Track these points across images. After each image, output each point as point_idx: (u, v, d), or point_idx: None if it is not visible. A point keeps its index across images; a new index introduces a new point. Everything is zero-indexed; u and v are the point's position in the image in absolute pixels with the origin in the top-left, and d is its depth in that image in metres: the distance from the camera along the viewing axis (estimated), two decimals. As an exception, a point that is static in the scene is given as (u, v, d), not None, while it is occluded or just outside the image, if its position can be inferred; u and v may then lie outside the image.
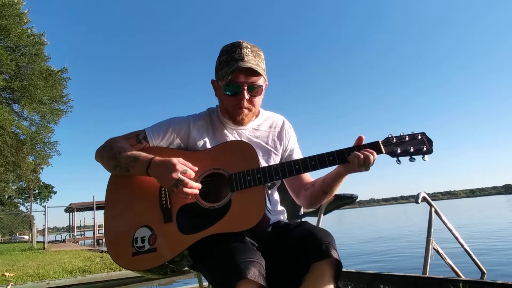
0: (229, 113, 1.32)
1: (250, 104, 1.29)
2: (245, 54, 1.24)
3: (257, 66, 1.23)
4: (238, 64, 1.21)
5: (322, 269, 1.02)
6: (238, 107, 1.28)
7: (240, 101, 1.26)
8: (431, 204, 3.19)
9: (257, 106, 1.33)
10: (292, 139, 1.45)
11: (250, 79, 1.24)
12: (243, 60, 1.22)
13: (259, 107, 1.36)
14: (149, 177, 1.20)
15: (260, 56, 1.29)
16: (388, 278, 2.83)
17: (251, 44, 1.29)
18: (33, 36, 14.64)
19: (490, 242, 8.09)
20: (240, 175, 1.16)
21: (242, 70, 1.22)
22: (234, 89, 1.26)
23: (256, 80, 1.25)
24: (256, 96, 1.30)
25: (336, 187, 1.27)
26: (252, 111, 1.32)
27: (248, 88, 1.25)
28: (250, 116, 1.33)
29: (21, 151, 15.15)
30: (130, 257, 1.16)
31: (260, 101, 1.34)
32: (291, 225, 1.20)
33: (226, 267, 0.96)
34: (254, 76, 1.24)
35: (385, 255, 7.57)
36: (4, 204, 36.89)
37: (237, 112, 1.29)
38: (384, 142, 1.16)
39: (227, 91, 1.27)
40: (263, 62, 1.29)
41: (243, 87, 1.24)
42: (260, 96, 1.32)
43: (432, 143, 1.13)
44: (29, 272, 6.06)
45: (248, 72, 1.23)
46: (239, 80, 1.23)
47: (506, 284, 2.14)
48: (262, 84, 1.29)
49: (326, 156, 1.16)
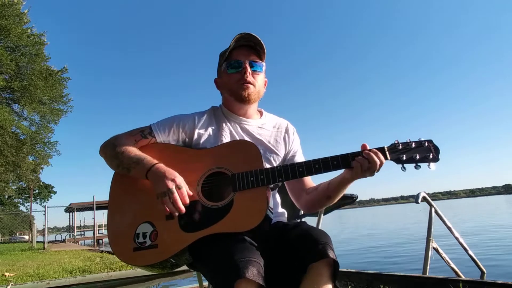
0: (234, 91, 1.35)
1: (254, 80, 1.33)
2: (249, 36, 1.31)
3: (257, 45, 1.32)
4: (237, 36, 1.29)
5: (319, 269, 1.03)
6: (242, 82, 1.32)
7: (244, 75, 1.31)
8: (431, 204, 3.18)
9: (260, 85, 1.37)
10: (295, 142, 1.46)
11: (250, 56, 1.33)
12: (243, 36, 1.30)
13: (261, 91, 1.39)
14: None
15: (261, 44, 1.34)
16: (388, 278, 2.83)
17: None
18: (33, 36, 14.63)
19: (491, 242, 8.09)
20: (243, 175, 1.16)
21: (244, 48, 1.32)
22: (236, 65, 1.32)
23: (256, 58, 1.34)
24: (259, 74, 1.35)
25: (340, 193, 1.26)
26: (257, 89, 1.35)
27: (249, 64, 1.32)
28: (255, 95, 1.36)
29: (21, 151, 15.14)
30: (131, 252, 1.17)
31: (261, 82, 1.38)
32: (289, 225, 1.20)
33: (225, 266, 0.97)
34: (254, 54, 1.34)
35: (385, 255, 7.57)
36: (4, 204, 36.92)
37: (242, 88, 1.32)
38: (389, 148, 1.15)
39: (230, 68, 1.33)
40: (263, 51, 1.35)
41: (244, 62, 1.32)
42: (262, 75, 1.37)
43: (439, 151, 1.12)
44: (29, 272, 6.06)
45: (247, 49, 1.33)
46: (240, 57, 1.32)
47: (506, 284, 2.14)
48: (262, 65, 1.36)
49: (330, 160, 1.15)
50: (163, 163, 1.20)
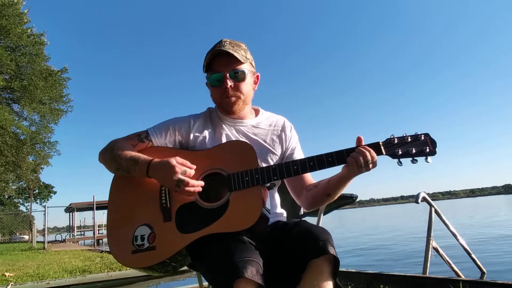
0: (219, 104, 1.35)
1: (236, 91, 1.29)
2: (222, 46, 1.26)
3: (232, 51, 1.25)
4: (212, 51, 1.26)
5: (320, 266, 1.03)
6: (225, 96, 1.29)
7: (225, 90, 1.27)
8: (431, 204, 3.19)
9: (246, 93, 1.32)
10: (293, 139, 1.45)
11: (230, 66, 1.27)
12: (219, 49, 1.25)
13: (249, 95, 1.35)
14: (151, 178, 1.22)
15: (239, 46, 1.30)
16: (388, 278, 2.83)
17: (232, 40, 1.31)
18: (33, 36, 14.63)
19: (490, 241, 8.09)
20: (239, 175, 1.16)
21: (222, 58, 1.26)
22: (216, 78, 1.28)
23: (235, 66, 1.27)
24: (241, 82, 1.29)
25: (339, 190, 1.26)
26: (242, 99, 1.32)
27: (230, 75, 1.27)
28: (241, 105, 1.33)
29: (21, 151, 15.14)
30: (130, 254, 1.18)
31: (248, 88, 1.33)
32: (289, 224, 1.20)
33: (224, 266, 0.97)
34: (233, 63, 1.27)
35: (385, 255, 7.57)
36: (4, 204, 36.91)
37: (225, 102, 1.30)
38: (384, 143, 1.13)
39: (211, 82, 1.31)
40: (244, 52, 1.31)
41: (224, 75, 1.26)
42: (246, 82, 1.31)
43: (436, 144, 1.08)
44: (29, 272, 6.06)
45: (225, 58, 1.26)
46: (219, 69, 1.27)
47: (506, 284, 2.14)
48: (245, 69, 1.29)
49: (325, 156, 1.14)
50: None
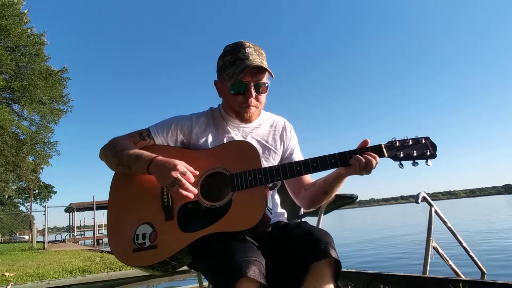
0: (236, 111, 1.34)
1: (257, 102, 1.32)
2: (249, 54, 1.27)
3: (261, 63, 1.26)
4: (245, 63, 1.24)
5: (322, 269, 1.03)
6: (246, 106, 1.30)
7: (248, 100, 1.29)
8: (431, 204, 3.19)
9: (263, 103, 1.37)
10: (293, 140, 1.46)
11: (256, 78, 1.28)
12: (249, 59, 1.25)
13: (263, 103, 1.39)
14: (152, 176, 1.21)
15: (262, 55, 1.32)
16: (388, 278, 2.84)
17: (253, 44, 1.32)
18: (33, 36, 14.64)
19: (490, 242, 8.09)
20: (242, 175, 1.16)
21: (250, 69, 1.24)
22: (241, 88, 1.28)
23: (261, 78, 1.29)
24: (263, 94, 1.33)
25: (337, 188, 1.27)
26: (259, 108, 1.35)
27: (255, 87, 1.28)
28: (257, 114, 1.37)
29: (21, 151, 15.15)
30: (131, 253, 1.17)
31: (265, 98, 1.37)
32: (290, 225, 1.20)
33: (226, 265, 0.97)
34: (260, 74, 1.28)
35: (385, 255, 7.57)
36: (4, 204, 36.90)
37: (245, 110, 1.32)
38: (386, 145, 1.15)
39: (234, 90, 1.29)
40: (265, 61, 1.32)
41: (250, 86, 1.27)
42: (266, 92, 1.36)
43: (436, 148, 1.12)
44: (29, 272, 6.06)
45: (255, 70, 1.26)
46: (246, 79, 1.26)
47: (506, 284, 2.14)
48: (267, 81, 1.32)
49: (328, 158, 1.15)
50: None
